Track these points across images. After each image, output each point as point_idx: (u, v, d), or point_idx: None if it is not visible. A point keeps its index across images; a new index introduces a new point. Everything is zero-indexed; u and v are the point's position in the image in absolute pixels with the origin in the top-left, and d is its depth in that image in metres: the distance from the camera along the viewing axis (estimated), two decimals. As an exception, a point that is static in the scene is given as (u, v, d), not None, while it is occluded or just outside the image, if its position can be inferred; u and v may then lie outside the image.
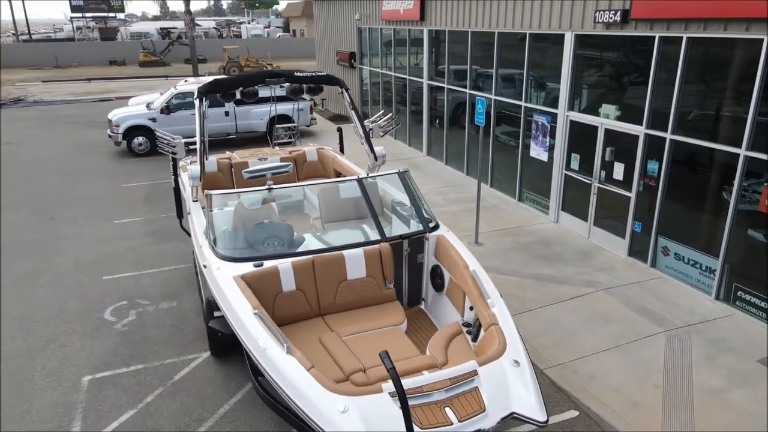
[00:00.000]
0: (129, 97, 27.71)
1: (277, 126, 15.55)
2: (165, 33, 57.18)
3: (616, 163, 9.51)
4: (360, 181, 6.14)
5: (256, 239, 5.67)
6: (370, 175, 6.23)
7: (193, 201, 7.11)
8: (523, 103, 11.60)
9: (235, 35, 65.05)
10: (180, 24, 73.48)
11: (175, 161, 8.96)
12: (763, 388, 6.33)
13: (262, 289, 4.93)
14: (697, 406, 6.09)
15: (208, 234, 5.80)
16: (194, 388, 6.84)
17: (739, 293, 7.82)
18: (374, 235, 5.75)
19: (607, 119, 9.56)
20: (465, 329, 4.97)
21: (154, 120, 17.55)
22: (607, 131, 9.58)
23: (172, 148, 7.55)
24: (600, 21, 9.24)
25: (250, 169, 6.86)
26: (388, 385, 3.78)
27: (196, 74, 26.40)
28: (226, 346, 7.28)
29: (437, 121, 15.79)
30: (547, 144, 11.11)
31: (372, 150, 7.96)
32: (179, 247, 10.86)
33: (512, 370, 4.08)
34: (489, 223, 11.18)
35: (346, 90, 7.91)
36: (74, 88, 34.95)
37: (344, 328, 5.01)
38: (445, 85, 14.71)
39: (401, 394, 3.34)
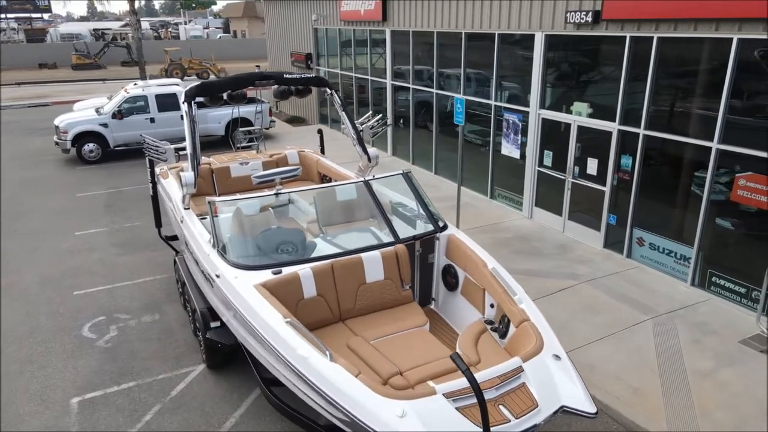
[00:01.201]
0: (68, 102, 26.43)
1: (239, 129, 15.25)
2: (99, 34, 54.73)
3: (589, 158, 9.85)
4: (367, 183, 6.10)
5: (270, 246, 5.53)
6: (375, 177, 6.19)
7: (185, 209, 6.85)
8: (493, 102, 11.83)
9: (173, 36, 63.05)
10: (113, 25, 70.59)
11: (153, 168, 8.61)
12: (749, 368, 6.72)
13: (283, 296, 4.81)
14: (693, 387, 6.40)
15: (215, 242, 5.60)
16: (194, 402, 6.60)
17: (713, 279, 8.27)
18: (385, 237, 5.73)
19: (579, 116, 9.89)
20: (489, 327, 5.03)
21: (105, 126, 16.80)
22: (580, 128, 9.91)
23: (162, 154, 7.24)
24: (571, 21, 9.54)
25: (260, 173, 6.68)
26: (441, 387, 3.78)
27: (143, 77, 25.37)
28: (224, 357, 7.08)
29: (401, 122, 15.86)
30: (519, 142, 11.37)
31: (365, 151, 7.92)
32: (152, 257, 10.45)
33: (554, 364, 4.17)
34: (464, 220, 11.33)
35: (336, 92, 7.83)
36: (2, 93, 32.91)
37: (369, 332, 4.96)
38: (410, 86, 14.80)
39: (479, 395, 3.35)
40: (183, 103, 6.84)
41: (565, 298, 8.34)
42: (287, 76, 7.31)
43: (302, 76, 7.45)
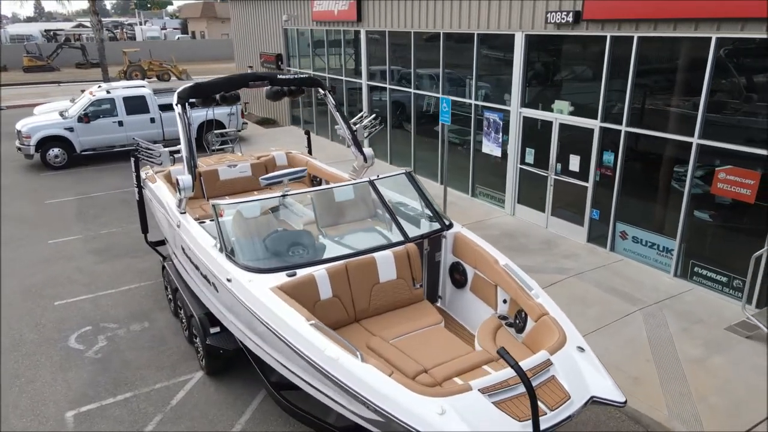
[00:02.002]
0: (24, 106, 25.45)
1: (215, 132, 15.00)
2: (51, 35, 52.77)
3: (571, 155, 10.08)
4: (372, 183, 6.09)
5: (281, 248, 5.46)
6: (379, 176, 6.18)
7: (182, 213, 6.69)
8: (473, 102, 11.97)
9: (128, 37, 61.37)
10: (64, 25, 68.15)
11: (138, 172, 8.38)
12: (737, 354, 7.01)
13: (300, 298, 4.76)
14: (688, 374, 6.63)
15: (223, 246, 5.50)
16: (197, 411, 6.46)
17: (695, 269, 8.58)
18: (394, 237, 5.73)
19: (561, 114, 10.11)
20: (503, 322, 5.10)
21: (71, 130, 16.23)
22: (562, 125, 10.13)
23: (156, 158, 7.06)
24: (552, 21, 9.74)
25: (267, 175, 6.56)
26: (476, 383, 3.81)
27: (106, 79, 24.64)
28: (225, 363, 6.95)
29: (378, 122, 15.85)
30: (500, 140, 11.54)
31: (361, 152, 7.90)
32: (133, 264, 10.17)
33: (580, 356, 4.25)
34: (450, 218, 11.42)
35: (329, 92, 7.78)
36: (-48, 97, 31.38)
37: (386, 332, 4.96)
38: (387, 86, 14.83)
39: (530, 389, 3.39)
40: (176, 105, 6.69)
41: (556, 292, 8.49)
42: (281, 76, 7.24)
43: (296, 76, 7.38)
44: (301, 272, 5.05)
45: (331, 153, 16.30)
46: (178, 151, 6.80)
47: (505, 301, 5.28)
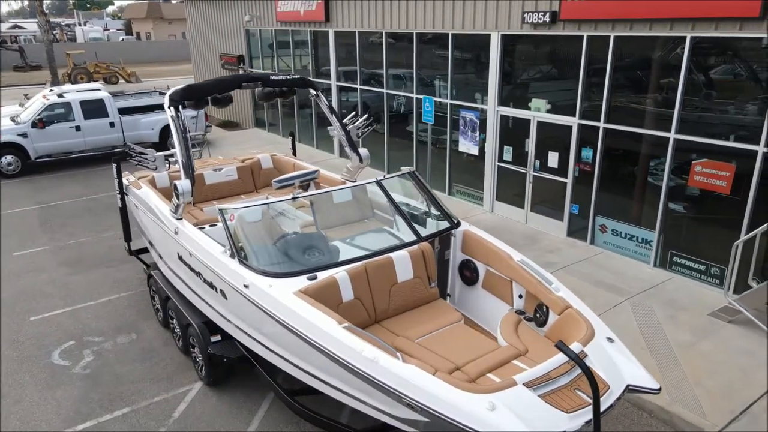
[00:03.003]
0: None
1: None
2: (-17, 37, 50.05)
3: (550, 152, 10.33)
4: (380, 183, 6.06)
5: (297, 251, 5.36)
6: (386, 176, 6.16)
7: (178, 219, 6.47)
8: (449, 101, 12.09)
9: (69, 39, 58.86)
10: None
11: (121, 178, 8.05)
12: (723, 338, 7.35)
13: (324, 302, 4.69)
14: (681, 360, 6.90)
15: (234, 251, 5.35)
16: (201, 423, 6.27)
17: (674, 258, 8.94)
18: (405, 236, 5.73)
19: (539, 112, 10.34)
20: (522, 317, 5.18)
21: (24, 135, 15.43)
22: (540, 123, 10.36)
23: (151, 163, 6.78)
24: (528, 22, 9.95)
25: (279, 178, 6.41)
26: (520, 377, 3.85)
27: (56, 82, 23.55)
28: (227, 372, 6.78)
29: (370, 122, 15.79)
30: (477, 138, 11.70)
31: (356, 152, 7.84)
32: (109, 274, 9.77)
33: (610, 346, 4.37)
34: (429, 218, 11.50)
35: (320, 92, 7.68)
36: None
37: (410, 332, 4.94)
38: (357, 86, 14.79)
39: (592, 381, 3.44)
40: (168, 107, 6.46)
41: (545, 287, 8.68)
42: (274, 77, 7.11)
43: (288, 77, 7.26)
44: (321, 275, 4.98)
45: (303, 155, 16.09)
46: (172, 155, 6.57)
47: (520, 296, 5.36)
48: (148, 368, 7.24)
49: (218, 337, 6.51)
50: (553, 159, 10.31)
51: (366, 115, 8.14)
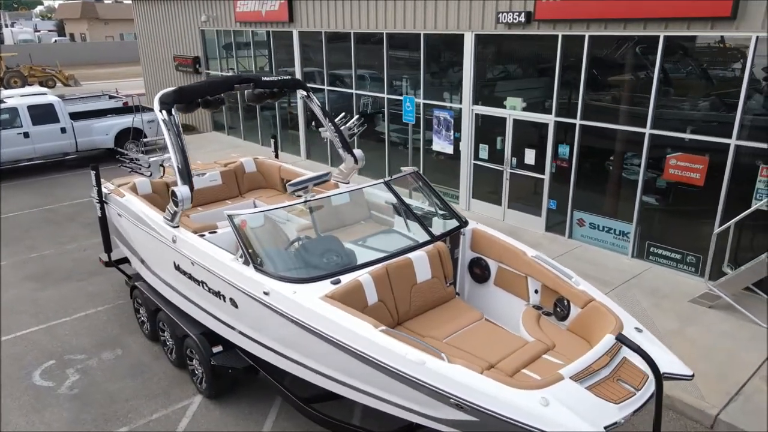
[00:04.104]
0: None
1: (145, 140, 14.01)
2: None
3: (527, 149, 10.54)
4: (387, 183, 6.00)
5: (315, 256, 5.22)
6: (392, 177, 6.10)
7: (174, 227, 6.19)
8: (422, 101, 12.13)
9: (-4, 40, 55.47)
10: None
11: (100, 186, 7.65)
12: (707, 323, 7.70)
13: (350, 306, 4.60)
14: (672, 346, 7.18)
15: (249, 258, 5.16)
16: (208, 437, 6.04)
17: (651, 249, 9.30)
18: (419, 237, 5.72)
19: (514, 110, 10.54)
20: (541, 311, 5.25)
21: (-31, 143, 14.45)
22: (516, 121, 10.56)
23: (146, 169, 6.45)
24: (503, 22, 10.12)
25: (294, 181, 6.21)
26: (565, 371, 3.89)
27: (2, 85, 22.14)
28: (233, 382, 6.56)
29: (313, 124, 15.63)
30: (452, 138, 11.81)
31: (351, 153, 7.73)
32: (81, 288, 9.29)
33: (640, 336, 4.48)
34: (408, 217, 11.51)
35: (310, 93, 7.53)
36: None
37: (435, 332, 4.92)
38: (325, 87, 14.64)
39: (656, 371, 3.50)
40: (160, 111, 6.18)
41: (532, 281, 8.85)
42: (266, 78, 6.93)
43: (279, 78, 7.10)
44: (344, 279, 4.89)
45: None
46: (167, 160, 6.29)
47: (536, 291, 5.43)
48: (140, 384, 6.91)
49: (220, 348, 6.30)
50: (530, 156, 10.52)
51: (357, 116, 8.05)
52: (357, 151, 7.78)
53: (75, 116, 16.00)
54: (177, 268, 6.27)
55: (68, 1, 60.59)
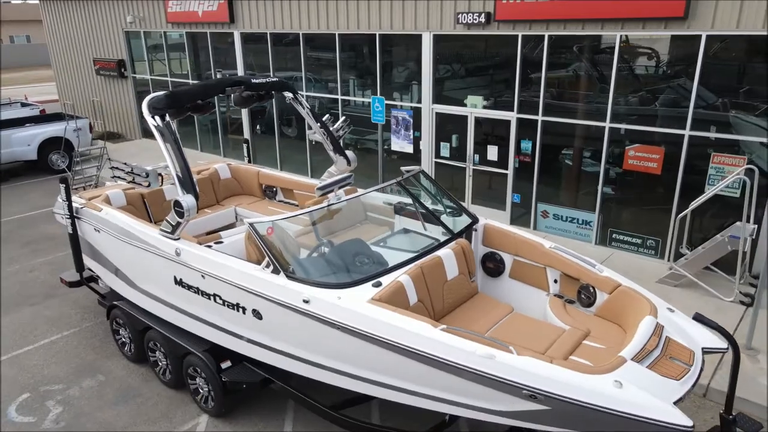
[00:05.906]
0: None
1: (79, 150, 13.10)
2: None
3: (489, 146, 10.86)
4: (400, 183, 5.97)
5: (349, 259, 5.09)
6: (403, 176, 6.06)
7: (175, 239, 5.82)
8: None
9: None
10: None
11: (70, 200, 7.03)
12: (676, 301, 8.29)
13: (396, 307, 4.54)
14: (653, 324, 7.68)
15: (278, 267, 4.95)
16: (226, 457, 5.76)
17: (613, 235, 9.89)
18: (439, 235, 5.75)
19: (476, 108, 10.82)
20: (563, 300, 5.44)
21: None
22: (477, 119, 10.85)
23: (144, 179, 5.98)
24: (462, 22, 10.36)
25: (322, 185, 5.93)
26: (626, 353, 4.06)
27: None
28: (243, 398, 6.27)
29: (258, 128, 15.23)
30: (411, 137, 11.93)
31: (343, 155, 7.58)
32: (38, 312, 8.53)
33: (674, 316, 4.75)
34: (373, 218, 11.50)
35: (297, 95, 7.31)
36: None
37: (475, 327, 4.93)
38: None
39: (735, 348, 3.70)
40: (152, 117, 5.77)
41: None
42: (255, 81, 6.66)
43: (267, 80, 6.85)
44: (384, 281, 4.83)
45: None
46: (165, 168, 5.90)
47: (555, 281, 5.63)
48: (135, 410, 6.45)
49: (228, 363, 6.02)
50: (492, 152, 10.84)
51: (344, 118, 7.94)
52: (349, 153, 7.68)
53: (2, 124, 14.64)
54: (179, 282, 5.91)
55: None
